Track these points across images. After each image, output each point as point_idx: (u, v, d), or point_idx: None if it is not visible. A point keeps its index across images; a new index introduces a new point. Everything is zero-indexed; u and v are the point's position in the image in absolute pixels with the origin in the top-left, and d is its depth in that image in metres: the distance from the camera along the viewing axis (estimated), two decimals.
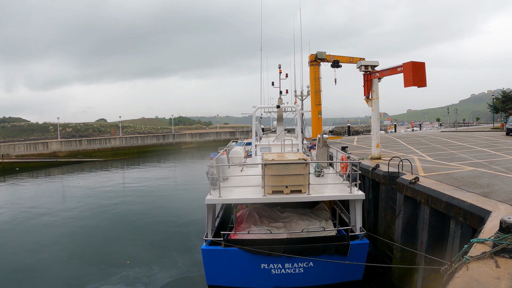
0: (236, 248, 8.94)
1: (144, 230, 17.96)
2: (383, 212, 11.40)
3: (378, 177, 11.58)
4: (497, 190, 7.98)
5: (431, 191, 8.20)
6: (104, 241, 16.27)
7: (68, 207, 23.38)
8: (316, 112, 34.55)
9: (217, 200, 9.63)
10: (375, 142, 14.77)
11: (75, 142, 58.63)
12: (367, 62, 14.44)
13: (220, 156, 12.89)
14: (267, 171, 9.59)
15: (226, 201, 10.07)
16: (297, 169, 9.62)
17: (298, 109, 14.75)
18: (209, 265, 9.33)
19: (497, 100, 47.92)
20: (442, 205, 7.53)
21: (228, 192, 10.26)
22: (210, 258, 9.27)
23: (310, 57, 34.23)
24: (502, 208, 6.35)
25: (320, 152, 14.20)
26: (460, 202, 7.01)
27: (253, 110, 15.08)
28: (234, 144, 17.67)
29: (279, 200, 9.94)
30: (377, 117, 14.66)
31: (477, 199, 7.07)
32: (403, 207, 9.68)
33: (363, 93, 14.81)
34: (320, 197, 9.92)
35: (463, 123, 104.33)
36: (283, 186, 9.61)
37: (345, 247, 9.08)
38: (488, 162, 12.59)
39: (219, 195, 9.56)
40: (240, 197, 10.04)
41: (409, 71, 11.51)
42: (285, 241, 9.31)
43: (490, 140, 22.68)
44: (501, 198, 7.14)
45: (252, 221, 11.48)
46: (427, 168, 11.67)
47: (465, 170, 11.10)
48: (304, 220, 11.34)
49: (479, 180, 9.31)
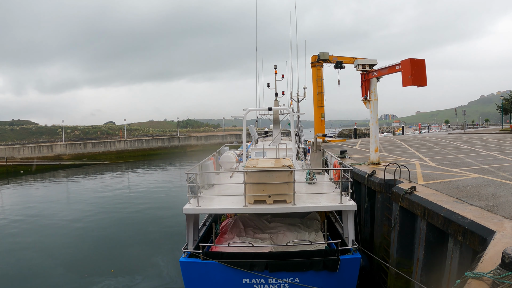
0: (215, 261, 8.29)
1: (134, 236, 17.62)
2: (379, 223, 10.50)
3: (374, 184, 10.68)
4: (504, 202, 7.04)
5: (428, 203, 7.28)
6: (91, 248, 15.99)
7: (58, 213, 23.01)
8: (318, 114, 33.63)
9: (195, 209, 9.00)
10: (374, 146, 13.84)
11: (79, 145, 58.71)
12: (365, 61, 13.54)
13: (204, 162, 12.15)
14: (248, 179, 8.86)
15: (204, 211, 9.39)
16: (280, 177, 8.86)
17: (291, 111, 13.96)
18: (188, 278, 8.75)
19: (506, 101, 46.37)
20: (440, 220, 6.62)
21: (209, 201, 9.63)
22: (188, 271, 8.67)
23: (313, 58, 33.36)
24: (508, 226, 5.43)
25: (313, 157, 13.34)
26: (459, 218, 6.09)
27: (244, 113, 14.29)
28: (226, 149, 16.89)
29: (261, 211, 9.20)
30: (376, 120, 13.73)
31: (479, 215, 6.14)
32: (399, 218, 8.78)
33: (361, 94, 13.92)
34: (306, 207, 9.08)
35: (472, 124, 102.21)
36: (266, 196, 8.88)
37: (334, 262, 8.26)
38: (495, 168, 11.58)
39: (197, 204, 8.98)
40: (220, 207, 9.38)
41: (408, 69, 10.60)
42: (268, 255, 8.55)
43: (498, 143, 21.52)
44: (508, 213, 6.20)
45: (236, 231, 10.74)
46: (428, 175, 10.72)
47: (469, 177, 10.14)
48: (292, 231, 10.50)
49: (483, 190, 8.35)
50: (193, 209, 8.98)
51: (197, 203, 8.96)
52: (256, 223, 11.37)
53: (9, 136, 75.07)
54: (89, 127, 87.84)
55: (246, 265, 8.15)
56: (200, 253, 8.45)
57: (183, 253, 8.83)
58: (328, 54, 32.55)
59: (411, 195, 8.11)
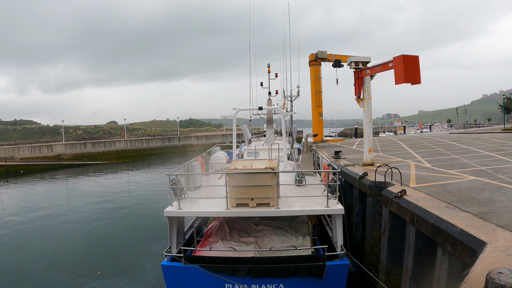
0: (197, 266, 8.03)
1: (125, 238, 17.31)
2: (370, 227, 10.01)
3: (364, 187, 10.19)
4: (499, 209, 6.53)
5: (417, 208, 6.79)
6: (81, 249, 15.79)
7: (50, 214, 22.68)
8: (316, 113, 33.11)
9: (176, 212, 8.71)
10: (368, 147, 13.33)
11: (79, 145, 58.41)
12: (358, 58, 13.02)
13: (191, 163, 11.73)
14: (230, 181, 8.53)
15: (185, 214, 9.06)
16: (264, 180, 8.45)
17: (283, 110, 13.50)
18: (170, 282, 8.49)
19: (508, 100, 45.65)
20: (428, 228, 6.13)
21: (193, 203, 9.32)
22: (170, 275, 8.40)
23: (310, 56, 32.85)
24: (501, 237, 4.93)
25: (304, 158, 12.85)
26: (448, 226, 5.60)
27: (234, 113, 13.82)
28: (217, 149, 16.43)
29: (243, 215, 8.82)
30: (370, 119, 13.22)
31: (471, 223, 5.64)
32: (389, 223, 8.29)
33: (354, 92, 13.42)
34: (290, 211, 8.64)
35: (475, 124, 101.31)
36: (248, 199, 8.50)
37: (320, 269, 7.88)
38: (493, 170, 11.06)
39: (178, 207, 8.71)
40: (201, 210, 9.04)
41: (400, 66, 10.09)
42: (251, 260, 8.22)
43: (499, 143, 20.94)
44: (502, 222, 5.70)
45: (221, 234, 10.34)
46: (421, 178, 10.21)
47: (464, 180, 9.62)
48: (279, 235, 10.06)
49: (479, 194, 7.84)
50: (174, 212, 8.72)
51: (179, 205, 8.72)
52: (243, 226, 10.99)
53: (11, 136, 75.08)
54: (91, 127, 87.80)
55: (228, 270, 7.89)
56: (181, 257, 8.18)
57: (165, 257, 8.58)
58: (326, 52, 32.00)
59: (401, 199, 7.62)
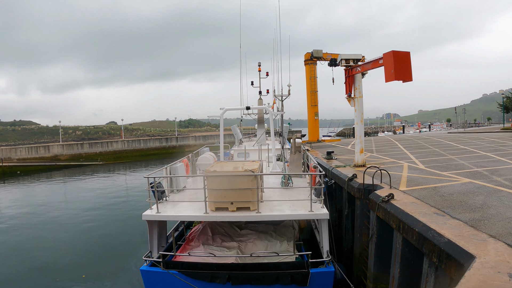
0: (176, 271, 7.78)
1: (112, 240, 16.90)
2: (358, 232, 9.50)
3: (353, 190, 9.67)
4: (493, 215, 6.00)
5: (404, 215, 6.26)
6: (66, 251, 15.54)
7: (37, 215, 22.26)
8: (312, 113, 32.60)
9: (154, 216, 8.42)
10: (359, 147, 12.81)
11: (76, 145, 58.00)
12: (348, 55, 12.51)
13: (173, 164, 11.27)
14: (209, 184, 8.19)
15: (163, 218, 8.71)
16: (243, 182, 8.09)
17: (272, 110, 13.03)
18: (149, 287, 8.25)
19: (507, 99, 45.10)
20: (414, 236, 5.61)
21: (173, 206, 9.07)
22: (149, 280, 8.15)
23: (306, 55, 32.35)
24: (492, 250, 4.40)
25: (293, 159, 12.35)
26: (435, 236, 5.08)
27: (221, 113, 13.33)
28: (206, 150, 15.94)
29: (222, 219, 8.52)
30: (361, 119, 12.70)
31: (459, 232, 5.12)
32: (376, 229, 7.79)
33: (345, 91, 12.90)
34: (272, 216, 8.20)
35: (474, 123, 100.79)
36: (228, 203, 8.16)
37: (303, 276, 7.50)
38: (490, 172, 10.53)
39: (157, 210, 8.45)
40: (179, 214, 8.74)
41: (390, 62, 9.56)
42: (231, 266, 7.83)
43: (497, 142, 20.41)
44: (495, 231, 5.17)
45: (203, 238, 9.92)
46: (413, 180, 9.69)
47: (458, 182, 9.09)
48: (262, 240, 9.62)
49: (472, 198, 7.31)
50: (153, 216, 8.46)
51: (158, 209, 8.52)
52: (227, 230, 10.55)
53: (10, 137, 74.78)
54: (90, 127, 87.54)
55: (207, 277, 7.63)
56: (160, 262, 7.95)
57: (145, 261, 8.35)
58: (322, 51, 31.49)
59: (388, 204, 7.10)
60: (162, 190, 9.61)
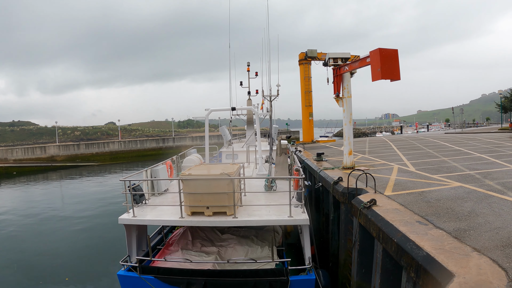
0: (152, 277, 7.60)
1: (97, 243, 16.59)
2: (343, 238, 9.07)
3: (337, 193, 9.21)
4: (480, 225, 5.54)
5: (384, 223, 5.80)
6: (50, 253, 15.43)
7: (23, 217, 21.90)
8: (306, 113, 32.13)
9: (130, 220, 8.16)
10: (347, 149, 12.35)
11: (73, 146, 57.72)
12: (336, 54, 12.05)
13: (154, 167, 10.86)
14: (185, 188, 7.89)
15: (139, 222, 8.33)
16: (219, 186, 7.76)
17: (259, 110, 12.58)
18: None
19: (505, 99, 44.68)
20: (393, 247, 5.15)
21: (151, 210, 8.80)
22: (126, 286, 8.01)
23: (300, 55, 31.91)
24: (474, 266, 3.93)
25: (278, 161, 11.88)
26: (413, 249, 4.61)
27: (206, 113, 12.88)
28: (192, 151, 15.49)
29: (198, 224, 8.15)
30: (349, 119, 12.24)
31: (441, 245, 4.65)
32: (359, 236, 7.33)
33: (333, 91, 12.45)
34: (249, 221, 7.82)
35: (473, 123, 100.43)
36: (204, 207, 7.84)
37: (282, 284, 7.22)
38: (482, 175, 10.07)
39: (133, 214, 8.21)
40: (157, 218, 8.37)
41: (377, 61, 9.11)
42: (208, 272, 7.60)
43: (493, 143, 19.96)
44: (480, 244, 4.70)
45: (183, 243, 9.62)
46: (400, 184, 9.23)
47: (448, 187, 8.63)
48: (243, 245, 9.27)
49: (460, 205, 6.85)
50: (129, 220, 8.17)
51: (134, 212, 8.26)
52: (208, 234, 10.21)
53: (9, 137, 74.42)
54: (89, 128, 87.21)
55: (182, 283, 7.45)
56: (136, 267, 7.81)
57: (122, 266, 8.16)
58: (316, 51, 31.03)
59: (369, 210, 6.63)
60: (140, 193, 9.33)
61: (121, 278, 7.98)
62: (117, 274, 8.02)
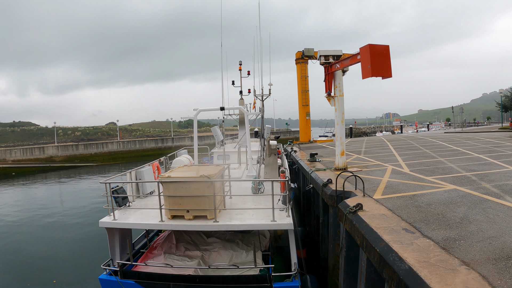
0: (133, 281, 7.50)
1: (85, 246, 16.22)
2: (332, 242, 8.67)
3: (326, 196, 8.80)
4: (472, 234, 5.11)
5: (368, 230, 5.39)
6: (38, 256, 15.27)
7: (17, 216, 21.66)
8: (303, 113, 31.70)
9: (110, 223, 7.99)
10: (340, 149, 11.93)
11: (71, 146, 57.60)
12: (328, 52, 11.63)
13: (140, 169, 10.59)
14: (165, 190, 7.67)
15: (119, 225, 8.08)
16: (200, 189, 7.48)
17: (249, 110, 12.20)
18: None
19: (506, 98, 44.14)
20: (376, 257, 4.75)
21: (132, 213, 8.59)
22: None
23: (297, 54, 31.50)
24: (460, 283, 3.52)
25: (268, 162, 11.49)
26: (395, 261, 4.20)
27: (194, 113, 12.54)
28: (183, 152, 15.13)
29: (178, 228, 7.88)
30: (341, 119, 11.82)
31: (426, 257, 4.24)
32: (345, 242, 6.93)
33: (324, 89, 12.03)
34: (230, 225, 7.51)
35: (474, 122, 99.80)
36: (184, 210, 7.59)
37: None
38: (479, 177, 9.64)
39: (113, 217, 8.06)
40: (136, 222, 8.10)
41: (367, 57, 8.69)
42: (188, 278, 7.32)
43: (493, 143, 19.50)
44: (470, 256, 4.28)
45: (166, 246, 9.33)
46: (392, 186, 8.81)
47: (441, 190, 8.21)
48: (228, 249, 8.94)
49: (452, 210, 6.42)
50: (109, 223, 8.04)
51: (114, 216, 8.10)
52: (193, 238, 9.91)
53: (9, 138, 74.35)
54: (89, 128, 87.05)
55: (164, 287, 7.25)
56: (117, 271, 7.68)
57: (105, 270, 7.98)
58: (313, 50, 30.57)
59: (354, 216, 6.22)
60: (123, 196, 9.07)
61: (102, 282, 7.87)
62: (98, 278, 7.90)
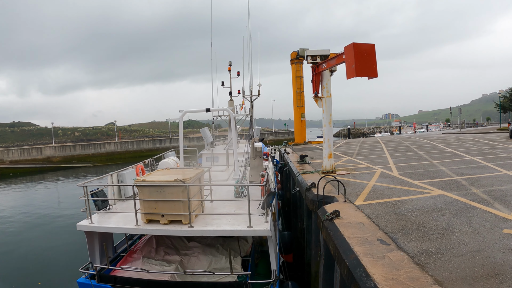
0: (109, 286, 7.42)
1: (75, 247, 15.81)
2: (314, 249, 8.35)
3: (308, 201, 8.47)
4: (452, 246, 4.75)
5: (340, 240, 5.04)
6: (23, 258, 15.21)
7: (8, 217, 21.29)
8: (298, 114, 31.41)
9: (87, 226, 7.83)
10: (327, 152, 11.59)
11: (69, 147, 57.54)
12: (315, 52, 11.30)
13: (122, 171, 10.32)
14: (140, 194, 7.47)
15: (95, 229, 7.87)
16: (174, 194, 7.24)
17: (231, 112, 11.93)
18: None
19: (504, 98, 43.78)
20: (345, 271, 4.40)
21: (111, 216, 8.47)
22: None
23: (292, 54, 31.25)
24: None
25: (253, 165, 11.15)
26: (362, 277, 3.86)
27: (180, 115, 12.26)
28: (170, 154, 14.78)
29: (153, 232, 7.74)
30: (329, 120, 11.49)
31: (395, 273, 3.89)
32: (324, 250, 6.60)
33: (312, 90, 11.72)
34: (205, 231, 7.23)
35: (473, 123, 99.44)
36: (159, 215, 7.39)
37: None
38: (469, 181, 9.30)
39: (90, 220, 7.90)
40: (113, 225, 7.97)
41: (351, 57, 8.35)
42: (163, 284, 7.17)
43: (489, 144, 19.15)
44: (446, 274, 3.91)
45: (146, 250, 9.09)
46: (377, 191, 8.46)
47: (427, 195, 7.86)
48: (207, 254, 8.70)
49: (435, 218, 6.07)
50: (86, 226, 7.88)
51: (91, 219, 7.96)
52: (174, 242, 9.63)
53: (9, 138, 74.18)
54: (89, 129, 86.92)
55: None
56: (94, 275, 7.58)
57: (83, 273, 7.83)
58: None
59: (330, 223, 5.88)
60: (103, 199, 8.88)
61: (80, 286, 7.77)
62: (77, 281, 7.78)
